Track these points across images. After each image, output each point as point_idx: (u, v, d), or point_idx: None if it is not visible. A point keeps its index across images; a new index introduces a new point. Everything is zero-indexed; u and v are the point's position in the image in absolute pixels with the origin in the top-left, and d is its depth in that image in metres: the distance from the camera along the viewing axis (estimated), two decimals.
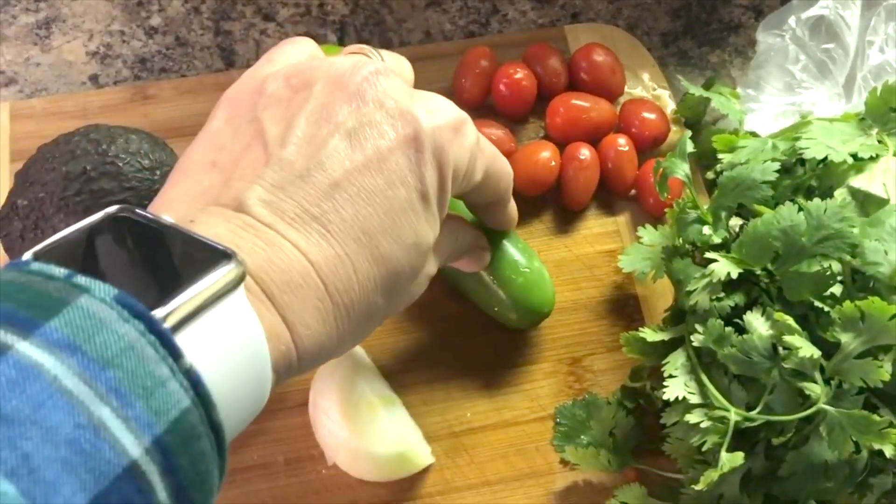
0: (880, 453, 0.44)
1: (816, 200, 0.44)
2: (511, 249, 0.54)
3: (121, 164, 0.50)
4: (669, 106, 0.64)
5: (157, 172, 0.52)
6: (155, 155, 0.52)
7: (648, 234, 0.54)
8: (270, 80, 0.39)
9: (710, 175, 0.58)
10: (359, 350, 0.53)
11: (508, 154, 0.60)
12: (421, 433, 0.52)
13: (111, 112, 0.62)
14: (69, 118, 0.61)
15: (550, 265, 0.58)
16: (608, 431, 0.52)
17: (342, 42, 0.67)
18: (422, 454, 0.52)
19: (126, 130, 0.52)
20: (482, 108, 0.63)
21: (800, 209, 0.45)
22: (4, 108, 0.61)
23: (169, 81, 0.64)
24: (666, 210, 0.53)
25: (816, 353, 0.42)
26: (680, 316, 0.51)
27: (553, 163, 0.58)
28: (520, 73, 0.60)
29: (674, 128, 0.62)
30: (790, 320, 0.43)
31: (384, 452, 0.50)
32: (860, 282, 0.46)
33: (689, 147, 0.51)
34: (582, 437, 0.53)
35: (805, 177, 0.51)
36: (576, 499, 0.52)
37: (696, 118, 0.63)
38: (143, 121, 0.61)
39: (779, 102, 0.59)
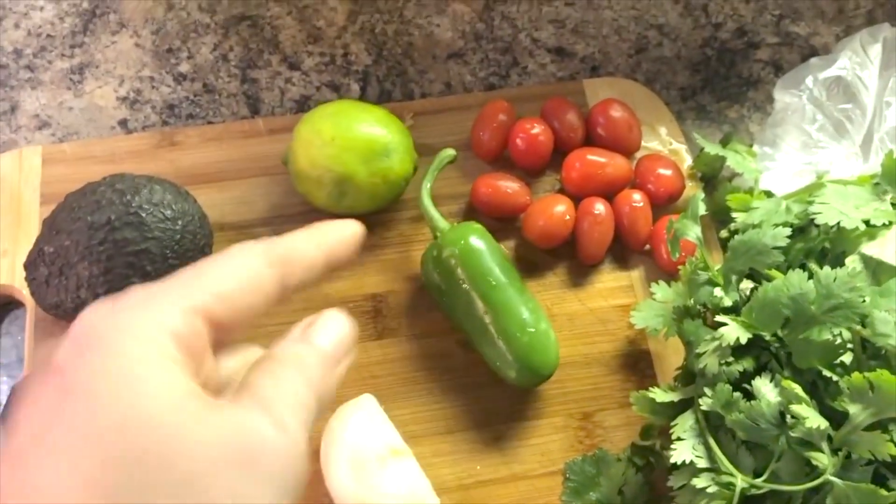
0: None
1: (826, 269, 0.45)
2: (520, 307, 0.54)
3: (144, 215, 0.52)
4: (686, 161, 0.64)
5: (179, 223, 0.53)
6: (177, 206, 0.53)
7: (661, 290, 0.54)
8: None
9: (724, 234, 0.58)
10: (370, 400, 0.54)
11: (524, 207, 0.61)
12: (431, 485, 0.53)
13: (138, 157, 0.63)
14: (98, 163, 0.63)
15: (563, 318, 0.59)
16: (617, 489, 0.52)
17: (364, 92, 0.68)
18: None
19: (150, 180, 0.54)
20: (499, 160, 0.63)
21: (810, 276, 0.45)
22: (37, 152, 0.63)
23: (195, 128, 0.65)
24: (679, 267, 0.54)
25: (824, 423, 0.42)
26: (690, 376, 0.51)
27: (568, 217, 0.59)
28: (537, 129, 0.61)
29: (689, 183, 0.63)
30: (798, 389, 0.43)
31: None
32: (871, 350, 0.46)
33: (702, 209, 0.52)
34: (591, 493, 0.53)
35: (818, 240, 0.51)
36: None
37: (712, 174, 0.64)
38: (169, 167, 0.63)
39: (795, 161, 0.59)
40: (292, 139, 0.58)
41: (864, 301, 0.44)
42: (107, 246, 0.51)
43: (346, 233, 0.38)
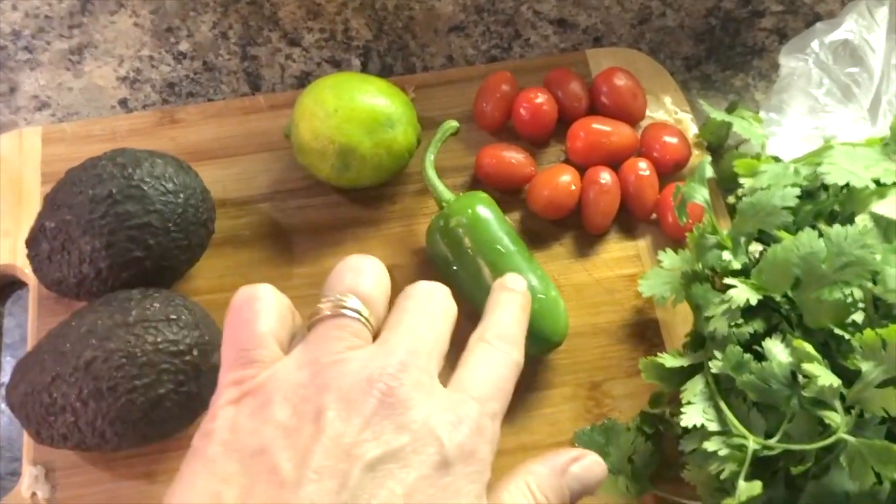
0: None
1: (837, 227, 0.44)
2: (529, 275, 0.54)
3: (146, 188, 0.51)
4: (692, 130, 0.63)
5: (181, 196, 0.52)
6: (179, 179, 0.53)
7: (669, 258, 0.54)
8: (277, 406, 0.33)
9: (731, 199, 0.58)
10: None
11: (528, 178, 0.60)
12: None
13: (139, 136, 0.63)
14: (98, 142, 0.62)
15: (570, 289, 0.58)
16: (627, 457, 0.52)
17: (365, 68, 0.68)
18: None
19: (151, 154, 0.53)
20: (503, 131, 0.63)
21: (820, 235, 0.45)
22: (37, 133, 0.63)
23: (196, 106, 0.65)
24: (686, 234, 0.53)
25: (836, 381, 0.41)
26: (699, 342, 0.50)
27: (573, 187, 0.58)
28: (540, 98, 0.60)
29: (695, 152, 0.62)
30: (809, 348, 0.43)
31: None
32: (882, 309, 0.45)
33: (709, 172, 0.51)
34: None
35: (828, 202, 0.51)
36: None
37: (718, 142, 0.63)
38: (171, 144, 0.62)
39: (802, 126, 0.59)
40: (294, 111, 0.58)
41: (875, 258, 0.43)
42: (108, 219, 0.50)
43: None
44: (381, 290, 0.37)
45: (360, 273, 0.37)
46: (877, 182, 0.48)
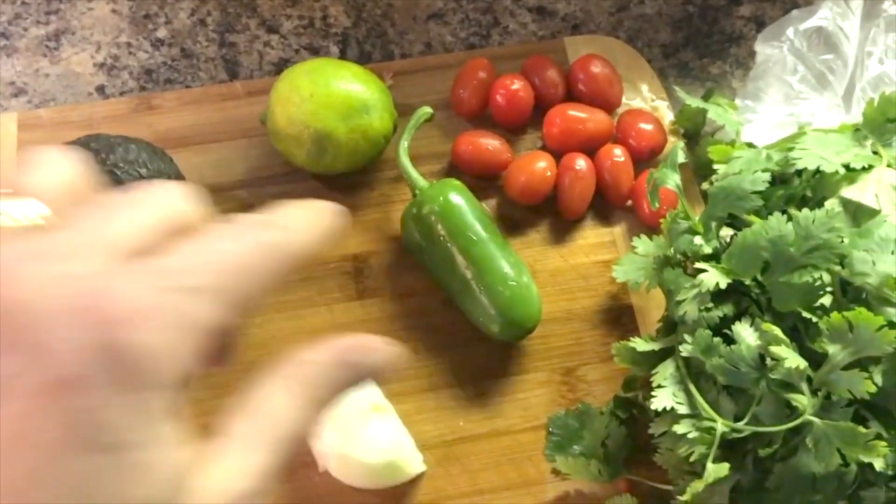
0: (871, 466, 0.44)
1: (805, 210, 0.44)
2: (501, 262, 0.54)
3: (119, 174, 0.51)
4: (668, 117, 0.64)
5: (155, 182, 0.52)
6: (154, 164, 0.53)
7: (643, 244, 0.54)
8: None
9: (705, 186, 0.58)
10: None
11: (505, 164, 0.60)
12: (413, 441, 0.52)
13: (116, 122, 0.63)
14: (75, 128, 0.62)
15: (545, 275, 0.59)
16: (600, 441, 0.52)
17: (343, 55, 0.68)
18: (413, 462, 0.52)
19: (126, 140, 0.53)
20: (480, 119, 0.63)
21: (789, 219, 0.45)
22: (13, 119, 0.62)
23: (173, 92, 0.65)
24: (661, 220, 0.53)
25: (803, 363, 0.42)
26: (671, 326, 0.51)
27: (549, 173, 0.59)
28: (517, 85, 0.61)
29: (671, 139, 0.62)
30: (777, 331, 0.43)
31: (375, 460, 0.50)
32: (850, 293, 0.46)
33: (681, 157, 0.51)
34: (574, 446, 0.53)
35: (799, 188, 0.51)
36: None
37: (694, 130, 0.63)
38: (147, 131, 0.62)
39: (777, 113, 0.59)
40: (270, 97, 0.58)
41: (842, 242, 0.43)
42: None
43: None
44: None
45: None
46: (847, 167, 0.48)
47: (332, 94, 0.55)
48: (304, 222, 0.27)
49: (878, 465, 0.43)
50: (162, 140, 0.60)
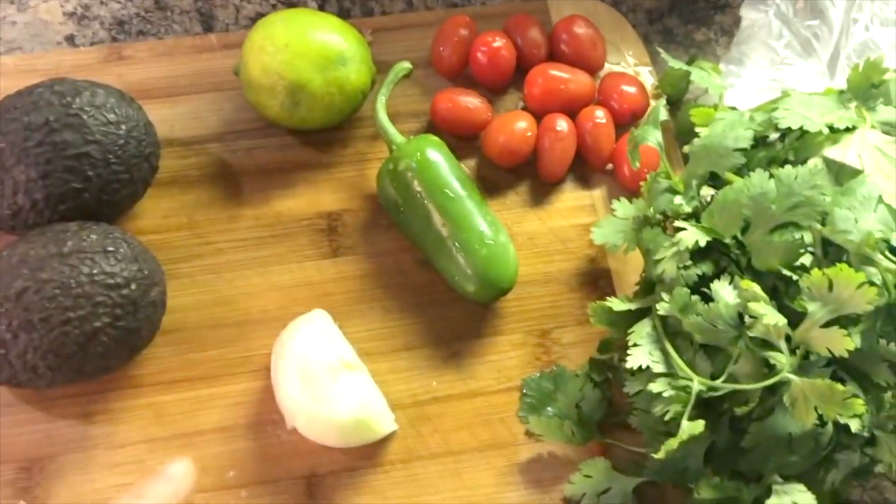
0: (846, 429, 0.43)
1: (788, 167, 0.43)
2: (479, 220, 0.53)
3: (85, 117, 0.49)
4: (650, 82, 0.63)
5: (123, 127, 0.51)
6: (121, 110, 0.51)
7: (622, 207, 0.53)
8: None
9: (687, 149, 0.57)
10: (322, 315, 0.52)
11: (485, 124, 0.59)
12: (385, 401, 0.51)
13: (84, 71, 0.61)
14: (41, 76, 0.60)
15: (523, 237, 0.58)
16: (574, 404, 0.52)
17: (322, 9, 0.66)
18: (384, 421, 0.51)
19: (92, 84, 0.52)
20: (460, 78, 0.62)
21: (771, 177, 0.44)
22: None
23: (145, 43, 0.63)
24: (641, 184, 0.52)
25: (782, 320, 0.41)
26: (648, 287, 0.50)
27: (529, 133, 0.58)
28: (499, 42, 0.59)
29: (654, 103, 0.61)
30: (757, 288, 0.42)
31: (344, 418, 0.49)
32: (831, 255, 0.45)
33: (663, 115, 0.50)
34: (548, 408, 0.52)
35: (782, 149, 0.50)
36: (539, 470, 0.51)
37: (677, 95, 0.62)
38: (117, 81, 0.60)
39: (761, 78, 0.58)
40: (244, 47, 0.56)
41: (825, 199, 0.42)
42: (45, 148, 0.48)
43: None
44: None
45: None
46: (831, 128, 0.48)
47: (308, 44, 0.54)
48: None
49: (854, 425, 0.42)
50: (132, 91, 0.58)
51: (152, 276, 0.49)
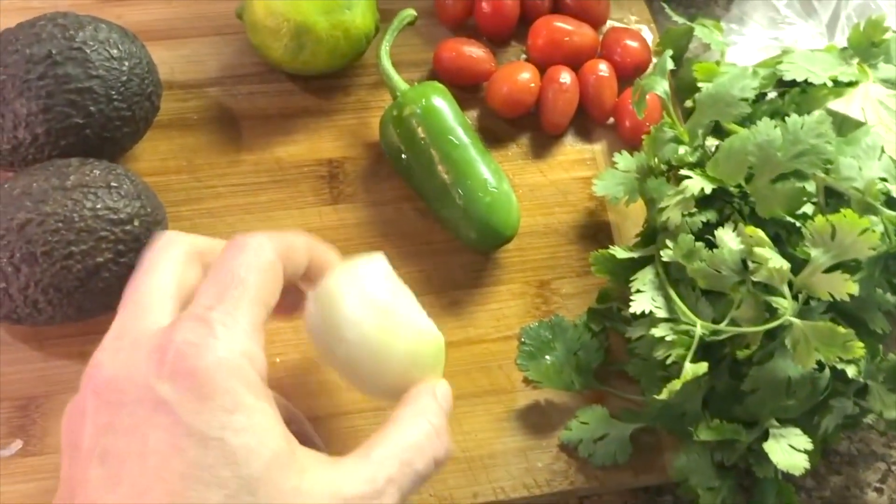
0: (842, 376, 0.44)
1: (794, 116, 0.44)
2: (482, 167, 0.53)
3: (88, 52, 0.49)
4: (651, 39, 0.63)
5: (126, 63, 0.50)
6: (125, 46, 0.51)
7: (624, 160, 0.53)
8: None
9: (689, 103, 0.57)
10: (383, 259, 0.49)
11: (488, 74, 0.59)
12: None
13: (83, 11, 0.59)
14: (37, 13, 0.59)
15: (524, 189, 0.58)
16: (573, 352, 0.52)
17: None
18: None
19: (95, 20, 0.51)
20: (464, 29, 0.61)
21: (776, 126, 0.45)
22: None
23: None
24: (643, 137, 0.53)
25: (785, 265, 0.42)
26: (651, 237, 0.50)
27: (532, 84, 0.58)
28: None
29: (655, 60, 0.61)
30: (761, 233, 0.43)
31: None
32: (834, 205, 0.46)
33: (669, 64, 0.51)
34: (546, 356, 0.52)
35: (785, 104, 0.51)
36: (537, 417, 0.52)
37: (678, 52, 0.63)
38: (116, 21, 0.59)
39: (762, 37, 0.59)
40: None
41: (829, 147, 0.43)
42: (47, 81, 0.48)
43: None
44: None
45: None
46: (835, 81, 0.48)
47: None
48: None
49: (851, 371, 0.43)
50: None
51: (155, 214, 0.49)
